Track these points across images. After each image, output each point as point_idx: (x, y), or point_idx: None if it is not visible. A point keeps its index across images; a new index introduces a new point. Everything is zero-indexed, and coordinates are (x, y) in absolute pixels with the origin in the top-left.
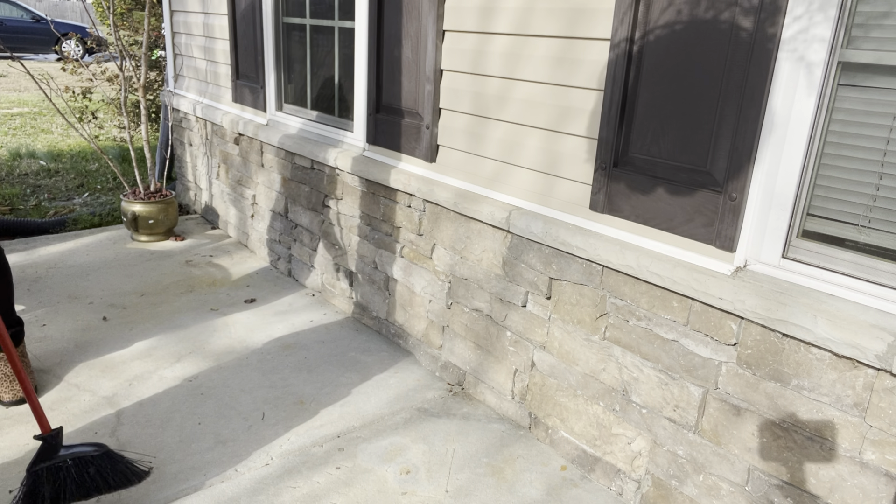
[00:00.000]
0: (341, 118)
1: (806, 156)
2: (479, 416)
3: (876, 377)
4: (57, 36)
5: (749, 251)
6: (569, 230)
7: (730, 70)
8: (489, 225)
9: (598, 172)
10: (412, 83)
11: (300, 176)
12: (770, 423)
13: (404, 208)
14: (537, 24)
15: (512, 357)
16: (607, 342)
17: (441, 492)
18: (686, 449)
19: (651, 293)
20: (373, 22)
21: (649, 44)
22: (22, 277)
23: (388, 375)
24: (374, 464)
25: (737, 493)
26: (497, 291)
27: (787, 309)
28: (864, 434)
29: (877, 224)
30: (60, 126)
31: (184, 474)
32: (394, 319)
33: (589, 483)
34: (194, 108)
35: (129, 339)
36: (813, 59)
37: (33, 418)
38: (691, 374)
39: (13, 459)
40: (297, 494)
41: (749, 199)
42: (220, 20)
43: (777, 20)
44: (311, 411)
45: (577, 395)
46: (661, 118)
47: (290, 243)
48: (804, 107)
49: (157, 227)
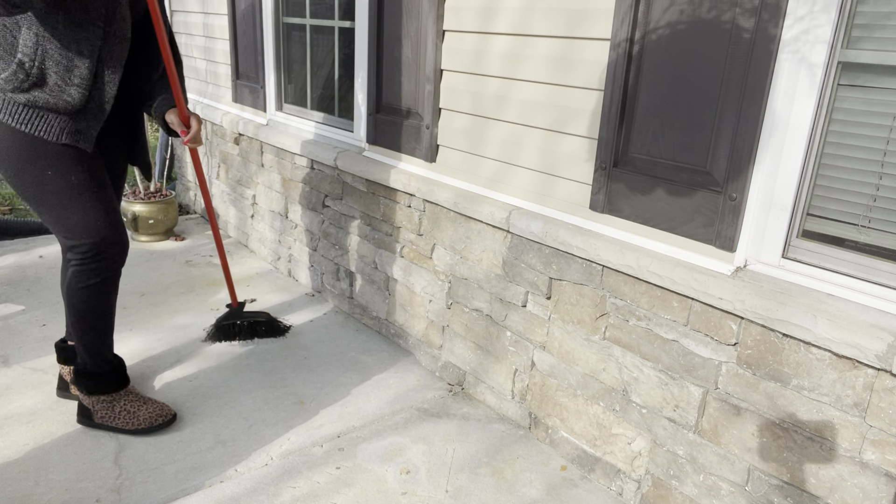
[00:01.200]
0: (341, 118)
1: (806, 156)
2: (479, 416)
3: (876, 377)
4: None
5: (749, 251)
6: (569, 230)
7: (730, 70)
8: (489, 225)
9: (598, 172)
10: (412, 83)
11: (300, 176)
12: (770, 422)
13: (404, 208)
14: (537, 24)
15: (512, 357)
16: (607, 342)
17: (441, 492)
18: (686, 449)
19: (651, 293)
20: (373, 22)
21: (649, 44)
22: (22, 277)
23: (388, 375)
24: (373, 464)
25: (737, 493)
26: (497, 291)
27: (787, 309)
28: (864, 434)
29: (877, 224)
30: None
31: (184, 474)
32: (394, 319)
33: (589, 483)
34: (194, 107)
35: (128, 339)
36: (813, 60)
37: (33, 420)
38: (691, 374)
39: (13, 459)
40: (297, 494)
41: (749, 199)
42: (220, 20)
43: (777, 20)
44: (311, 411)
45: (577, 395)
46: (661, 118)
47: (290, 243)
48: (804, 107)
49: (157, 227)
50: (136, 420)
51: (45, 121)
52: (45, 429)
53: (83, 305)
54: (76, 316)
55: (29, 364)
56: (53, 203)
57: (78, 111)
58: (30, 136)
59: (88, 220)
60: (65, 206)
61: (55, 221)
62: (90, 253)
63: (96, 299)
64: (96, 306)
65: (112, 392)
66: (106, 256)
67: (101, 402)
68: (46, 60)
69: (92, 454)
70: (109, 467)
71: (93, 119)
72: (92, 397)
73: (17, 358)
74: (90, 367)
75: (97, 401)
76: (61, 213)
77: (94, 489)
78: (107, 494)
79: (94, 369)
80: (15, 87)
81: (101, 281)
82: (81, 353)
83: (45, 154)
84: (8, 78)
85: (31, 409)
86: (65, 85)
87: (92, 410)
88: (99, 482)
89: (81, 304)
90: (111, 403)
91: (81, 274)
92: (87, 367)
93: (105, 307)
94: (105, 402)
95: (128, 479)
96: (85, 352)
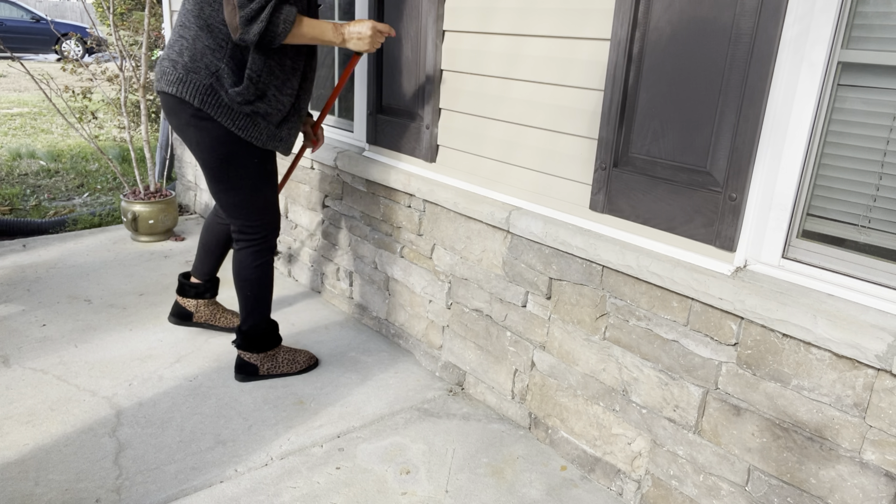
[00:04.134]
0: (341, 118)
1: (806, 156)
2: (479, 417)
3: (876, 377)
4: (57, 36)
5: (749, 251)
6: (569, 230)
7: (730, 70)
8: (489, 225)
9: (598, 172)
10: (412, 83)
11: (300, 176)
12: (770, 423)
13: (404, 208)
14: (537, 23)
15: (512, 357)
16: (607, 342)
17: (441, 492)
18: (686, 449)
19: (651, 293)
20: None
21: (649, 44)
22: (22, 277)
23: (388, 375)
24: (373, 464)
25: (737, 494)
26: (497, 291)
27: (786, 309)
28: (864, 434)
29: (877, 224)
30: (60, 126)
31: (184, 474)
32: (394, 319)
33: (589, 483)
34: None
35: (129, 339)
36: (813, 60)
37: (33, 420)
38: (691, 374)
39: (13, 460)
40: (297, 494)
41: (749, 199)
42: None
43: (777, 20)
44: (311, 411)
45: (577, 395)
46: (661, 118)
47: (289, 243)
48: (804, 107)
49: (157, 227)
50: (297, 364)
51: (258, 128)
52: (45, 429)
53: (258, 280)
54: (251, 289)
55: (29, 364)
56: (248, 186)
57: (283, 119)
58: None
59: (270, 205)
60: (258, 189)
61: (244, 204)
62: (262, 232)
63: (266, 273)
64: (266, 278)
65: (276, 346)
66: (273, 236)
67: (267, 356)
68: (270, 77)
69: (92, 454)
70: (109, 467)
71: (294, 126)
72: (260, 354)
73: (17, 358)
74: (259, 330)
75: (264, 357)
76: (252, 195)
77: (94, 489)
78: (107, 494)
79: (263, 331)
80: (244, 101)
81: (270, 258)
82: (253, 319)
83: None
84: (241, 91)
85: (31, 409)
86: (280, 95)
87: (258, 366)
88: (99, 482)
89: (256, 279)
90: (274, 356)
91: (257, 253)
92: (257, 331)
93: (272, 278)
94: (270, 356)
95: (128, 479)
96: (260, 318)
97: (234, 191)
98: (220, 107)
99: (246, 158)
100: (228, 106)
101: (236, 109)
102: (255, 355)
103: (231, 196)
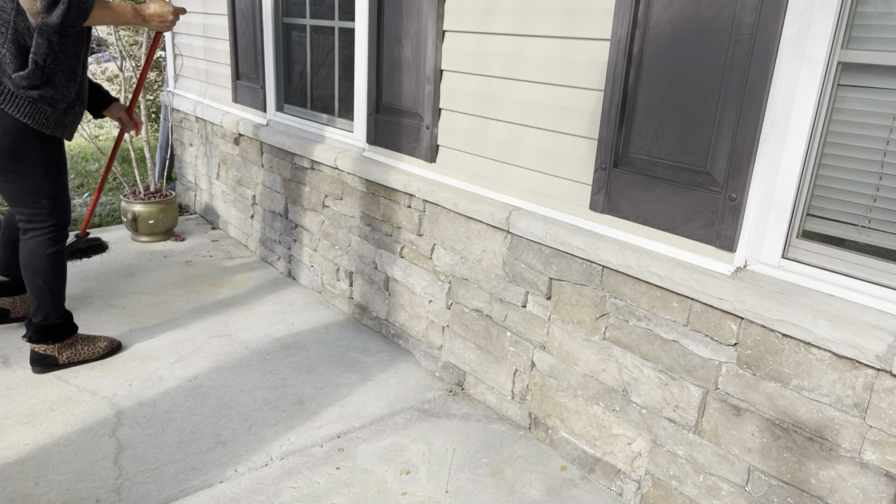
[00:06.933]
0: (341, 118)
1: (806, 156)
2: (479, 417)
3: (876, 377)
4: None
5: (749, 251)
6: (569, 230)
7: (730, 70)
8: (489, 225)
9: (598, 172)
10: (412, 83)
11: (300, 176)
12: (770, 423)
13: (404, 208)
14: (537, 24)
15: (512, 357)
16: (607, 342)
17: (441, 492)
18: (686, 449)
19: (651, 293)
20: (373, 22)
21: (649, 44)
22: None
23: (388, 376)
24: (373, 464)
25: (737, 494)
26: (497, 292)
27: (786, 309)
28: (864, 434)
29: (877, 224)
30: None
31: (184, 474)
32: (394, 320)
33: (589, 483)
34: (194, 108)
35: (129, 339)
36: (814, 58)
37: (33, 420)
38: (691, 374)
39: (13, 460)
40: (297, 494)
41: (749, 199)
42: (220, 20)
43: (777, 20)
44: (311, 411)
45: (577, 395)
46: (661, 118)
47: (290, 243)
48: (804, 107)
49: (158, 227)
50: (97, 349)
51: (44, 115)
52: (45, 429)
53: (51, 269)
54: (44, 279)
55: (29, 364)
56: (38, 175)
57: (68, 106)
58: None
59: (60, 192)
60: (48, 177)
61: (33, 192)
62: (53, 219)
63: (59, 262)
64: (60, 267)
65: (73, 335)
66: (64, 226)
67: (64, 346)
68: (55, 63)
69: (92, 454)
70: (109, 467)
71: (78, 113)
72: (56, 344)
73: (17, 358)
74: (52, 321)
75: (61, 346)
76: (41, 183)
77: (94, 489)
78: (107, 494)
79: (57, 321)
80: (30, 85)
81: (61, 247)
82: (46, 310)
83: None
84: (26, 76)
85: (31, 409)
86: (66, 82)
87: (56, 356)
88: (99, 482)
89: (48, 268)
90: (72, 345)
91: (47, 242)
92: (51, 321)
93: (64, 268)
94: (67, 344)
95: (128, 479)
96: (51, 308)
97: (22, 180)
98: (3, 94)
99: (33, 147)
100: (12, 92)
101: (21, 95)
102: (52, 346)
103: (19, 185)
